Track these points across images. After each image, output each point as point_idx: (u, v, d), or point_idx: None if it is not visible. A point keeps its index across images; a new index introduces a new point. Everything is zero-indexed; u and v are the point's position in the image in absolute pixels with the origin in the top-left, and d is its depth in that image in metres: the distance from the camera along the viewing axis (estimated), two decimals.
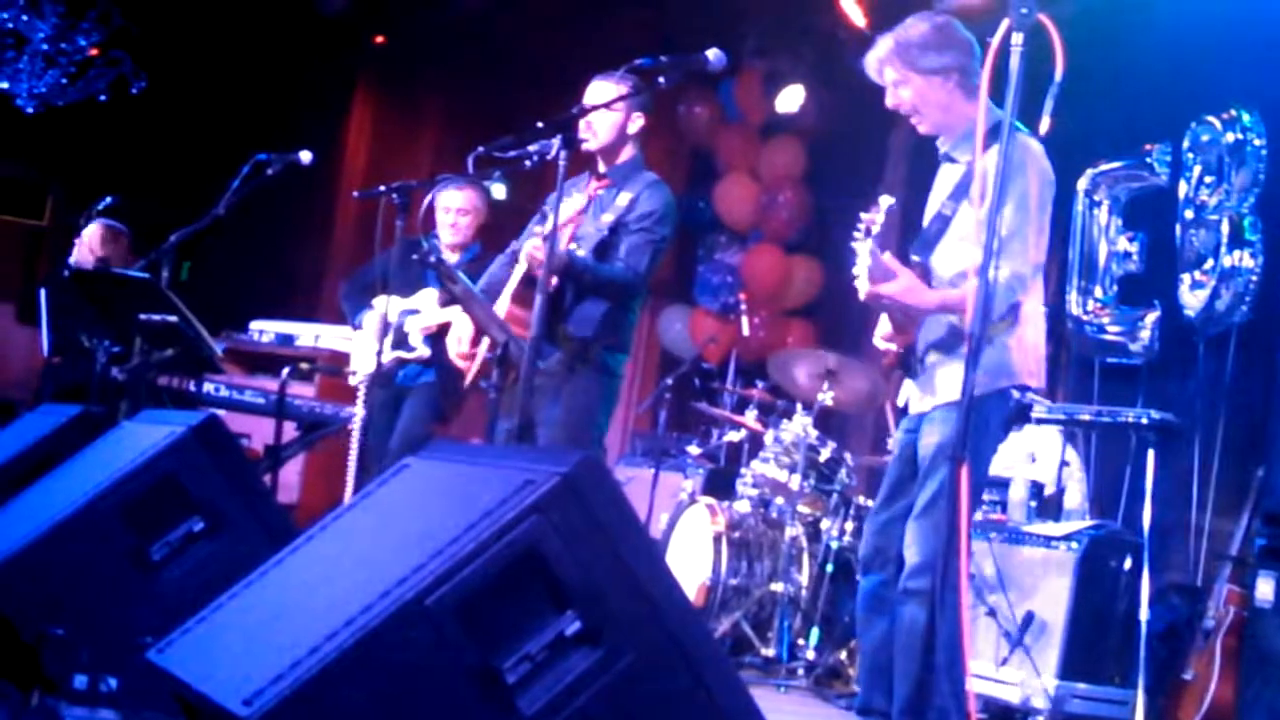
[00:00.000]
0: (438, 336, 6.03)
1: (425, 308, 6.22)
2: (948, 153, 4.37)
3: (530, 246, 4.85)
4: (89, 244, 7.66)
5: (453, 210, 6.33)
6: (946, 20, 4.22)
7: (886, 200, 3.93)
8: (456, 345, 5.16)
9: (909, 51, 4.15)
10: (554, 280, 4.83)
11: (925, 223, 4.31)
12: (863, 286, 4.07)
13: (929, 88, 4.21)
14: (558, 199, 4.51)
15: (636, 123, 5.17)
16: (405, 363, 6.20)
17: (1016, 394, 4.27)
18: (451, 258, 6.20)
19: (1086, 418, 6.18)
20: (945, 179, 4.37)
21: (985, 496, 6.20)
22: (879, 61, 4.23)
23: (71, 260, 7.65)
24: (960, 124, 4.27)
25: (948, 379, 4.19)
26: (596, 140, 5.12)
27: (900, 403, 4.47)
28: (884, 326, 4.36)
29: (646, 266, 5.06)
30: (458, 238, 6.35)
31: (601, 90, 5.07)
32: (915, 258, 4.23)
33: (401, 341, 6.19)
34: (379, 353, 5.50)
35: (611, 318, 5.06)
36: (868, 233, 3.91)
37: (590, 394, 5.06)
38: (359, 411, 5.85)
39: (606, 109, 4.97)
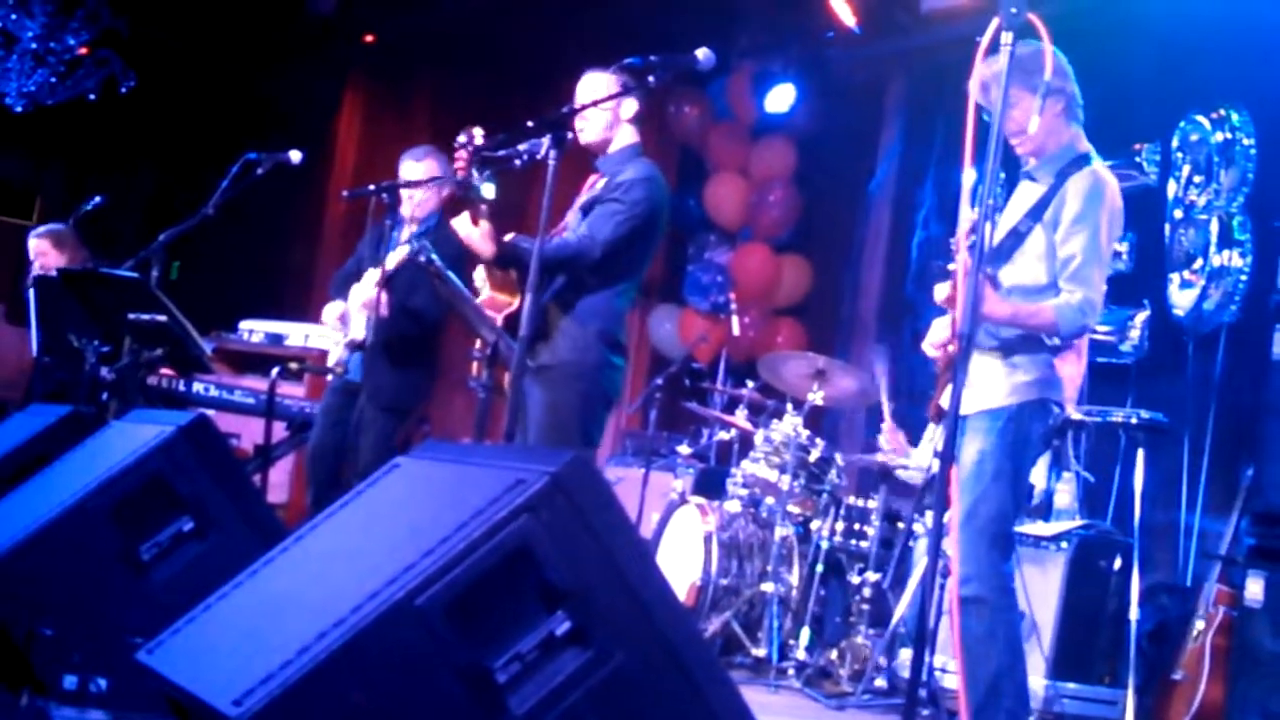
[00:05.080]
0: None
1: (366, 283, 6.02)
2: (1029, 172, 4.36)
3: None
4: (48, 257, 7.54)
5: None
6: (1050, 46, 4.14)
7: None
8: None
9: (1026, 72, 4.06)
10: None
11: (998, 237, 4.24)
12: (942, 289, 4.18)
13: (1040, 109, 4.15)
14: (548, 199, 4.50)
15: (630, 108, 5.11)
16: (356, 347, 5.96)
17: (1056, 409, 4.28)
18: (409, 229, 6.10)
19: (1076, 417, 6.19)
20: (1023, 197, 4.35)
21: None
22: (991, 80, 3.97)
23: (33, 274, 7.55)
24: (1053, 147, 4.30)
25: (987, 378, 4.21)
26: (590, 130, 5.09)
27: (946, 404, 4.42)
28: (935, 334, 4.40)
29: (610, 233, 4.91)
30: (418, 211, 6.15)
31: (593, 84, 5.05)
32: (988, 269, 4.18)
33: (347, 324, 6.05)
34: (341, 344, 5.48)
35: (591, 302, 4.97)
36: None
37: (578, 391, 4.95)
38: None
39: (595, 107, 4.96)
